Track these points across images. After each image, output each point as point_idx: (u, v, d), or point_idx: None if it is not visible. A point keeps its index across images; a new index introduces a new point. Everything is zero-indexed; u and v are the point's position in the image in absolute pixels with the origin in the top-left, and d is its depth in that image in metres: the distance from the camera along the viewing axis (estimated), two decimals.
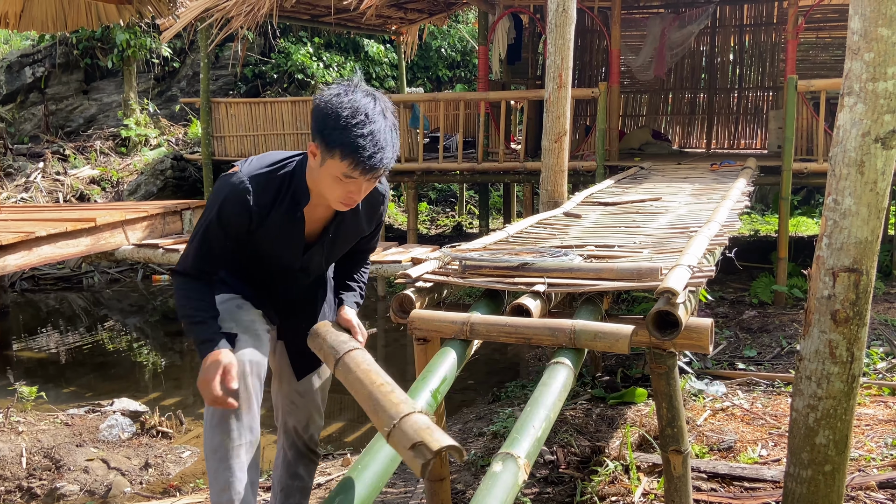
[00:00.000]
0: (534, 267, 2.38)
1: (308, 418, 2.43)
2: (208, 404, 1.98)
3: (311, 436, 2.46)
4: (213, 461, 2.02)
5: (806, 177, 7.15)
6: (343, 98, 1.91)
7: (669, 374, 2.24)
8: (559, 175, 4.43)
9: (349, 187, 1.97)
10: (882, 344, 4.98)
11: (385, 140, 1.92)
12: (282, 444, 2.49)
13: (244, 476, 2.00)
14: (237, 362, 2.00)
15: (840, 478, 2.29)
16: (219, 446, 2.00)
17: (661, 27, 9.97)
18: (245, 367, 2.03)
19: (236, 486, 1.99)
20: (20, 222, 5.75)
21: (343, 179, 1.94)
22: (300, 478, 2.47)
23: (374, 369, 1.82)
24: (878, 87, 2.09)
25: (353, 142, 1.88)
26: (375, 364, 1.86)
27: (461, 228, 11.97)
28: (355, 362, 1.88)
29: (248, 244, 2.14)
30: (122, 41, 11.61)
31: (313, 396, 2.42)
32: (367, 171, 1.91)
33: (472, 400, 5.05)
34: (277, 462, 2.52)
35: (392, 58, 14.41)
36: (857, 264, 2.17)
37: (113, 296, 8.98)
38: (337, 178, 1.95)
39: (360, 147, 1.88)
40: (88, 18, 6.48)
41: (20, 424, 4.31)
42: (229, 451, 1.99)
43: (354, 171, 1.91)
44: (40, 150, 11.47)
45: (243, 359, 2.04)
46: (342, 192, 1.98)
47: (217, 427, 2.02)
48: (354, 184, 1.96)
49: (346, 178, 1.93)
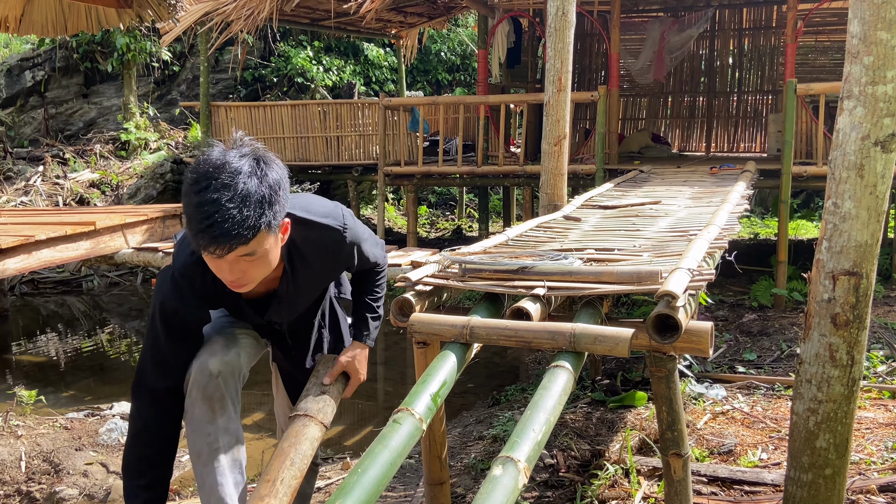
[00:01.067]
0: (533, 270, 2.38)
1: None
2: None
3: None
4: (197, 465, 2.03)
5: (805, 180, 7.15)
6: (202, 158, 1.71)
7: (669, 378, 2.23)
8: (559, 178, 4.43)
9: (219, 265, 1.74)
10: (882, 347, 4.98)
11: (226, 212, 1.63)
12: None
13: (228, 478, 2.01)
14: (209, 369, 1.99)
15: (840, 481, 2.29)
16: (200, 451, 2.01)
17: (660, 31, 9.98)
18: (215, 368, 2.01)
19: (223, 488, 1.99)
20: (20, 226, 5.75)
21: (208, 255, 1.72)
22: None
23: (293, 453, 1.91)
24: (878, 91, 2.09)
25: (190, 210, 1.67)
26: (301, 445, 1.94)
27: (461, 232, 11.97)
28: (293, 430, 1.99)
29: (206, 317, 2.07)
30: (122, 45, 11.62)
31: None
32: (206, 245, 1.67)
33: (472, 403, 5.05)
34: None
35: (392, 61, 14.43)
36: (856, 267, 2.17)
37: (112, 299, 8.98)
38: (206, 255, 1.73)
39: (194, 217, 1.66)
40: (88, 22, 6.49)
41: (19, 428, 4.30)
42: (210, 454, 2.00)
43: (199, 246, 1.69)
44: (40, 154, 11.47)
45: (211, 362, 2.02)
46: (217, 271, 1.77)
47: (195, 433, 2.02)
48: (223, 262, 1.72)
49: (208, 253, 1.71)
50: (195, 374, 2.02)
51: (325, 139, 9.59)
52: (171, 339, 1.98)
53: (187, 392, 2.03)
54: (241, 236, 1.67)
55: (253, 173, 1.70)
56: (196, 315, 2.01)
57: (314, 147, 9.64)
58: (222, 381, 2.02)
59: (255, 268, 1.78)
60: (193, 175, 1.69)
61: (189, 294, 1.93)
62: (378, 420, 4.99)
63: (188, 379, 2.04)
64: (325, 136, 9.58)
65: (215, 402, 2.01)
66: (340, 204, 2.13)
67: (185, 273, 1.93)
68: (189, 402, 2.03)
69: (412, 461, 3.65)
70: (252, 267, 1.77)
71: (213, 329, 2.13)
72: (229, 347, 2.07)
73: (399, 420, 1.69)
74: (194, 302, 1.96)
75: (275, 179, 1.74)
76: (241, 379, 2.11)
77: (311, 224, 1.98)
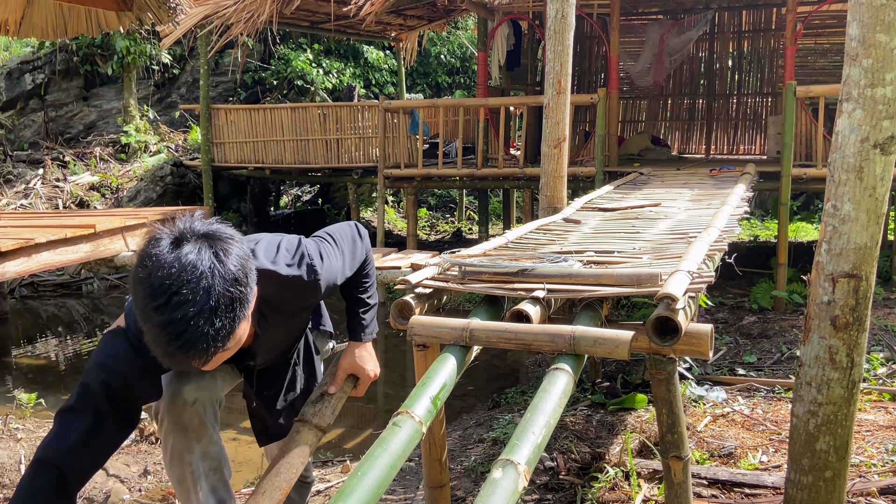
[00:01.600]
0: (533, 273, 2.38)
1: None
2: None
3: None
4: (180, 491, 2.00)
5: (805, 182, 7.15)
6: (152, 263, 1.45)
7: (669, 380, 2.23)
8: (558, 181, 4.43)
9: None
10: (882, 349, 4.98)
11: (194, 332, 1.43)
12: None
13: (212, 501, 1.99)
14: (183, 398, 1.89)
15: (841, 484, 2.29)
16: (182, 478, 1.97)
17: (659, 33, 10.00)
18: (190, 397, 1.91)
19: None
20: (20, 229, 5.75)
21: None
22: (291, 499, 2.43)
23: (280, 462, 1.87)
24: (877, 93, 2.10)
25: (148, 331, 1.46)
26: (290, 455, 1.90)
27: (461, 234, 11.97)
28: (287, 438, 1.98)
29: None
30: (122, 48, 11.63)
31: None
32: (173, 366, 1.56)
33: (472, 406, 5.05)
34: None
35: (392, 64, 14.44)
36: (856, 270, 2.17)
37: (112, 302, 8.97)
38: None
39: (156, 340, 1.46)
40: (88, 25, 6.49)
41: (19, 431, 4.29)
42: (192, 482, 1.96)
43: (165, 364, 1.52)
44: (40, 157, 11.48)
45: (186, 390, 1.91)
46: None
47: (173, 462, 1.96)
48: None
49: None
50: (167, 402, 1.89)
51: (324, 142, 9.60)
52: (116, 417, 1.69)
53: (158, 420, 1.94)
54: (218, 348, 1.49)
55: (214, 269, 1.46)
56: (150, 391, 1.78)
57: (314, 150, 9.64)
58: (200, 408, 1.91)
59: (225, 355, 1.60)
60: (147, 289, 1.43)
61: (150, 364, 1.61)
62: (378, 423, 4.99)
63: (157, 407, 1.93)
64: (325, 138, 9.58)
65: (191, 431, 1.92)
66: (303, 238, 1.94)
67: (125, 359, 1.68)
68: (162, 431, 1.94)
69: (412, 464, 3.65)
70: (222, 356, 1.59)
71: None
72: (202, 374, 1.88)
73: (399, 423, 1.69)
74: (154, 373, 1.71)
75: (238, 264, 1.51)
76: (220, 404, 1.99)
77: (280, 278, 1.79)
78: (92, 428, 1.67)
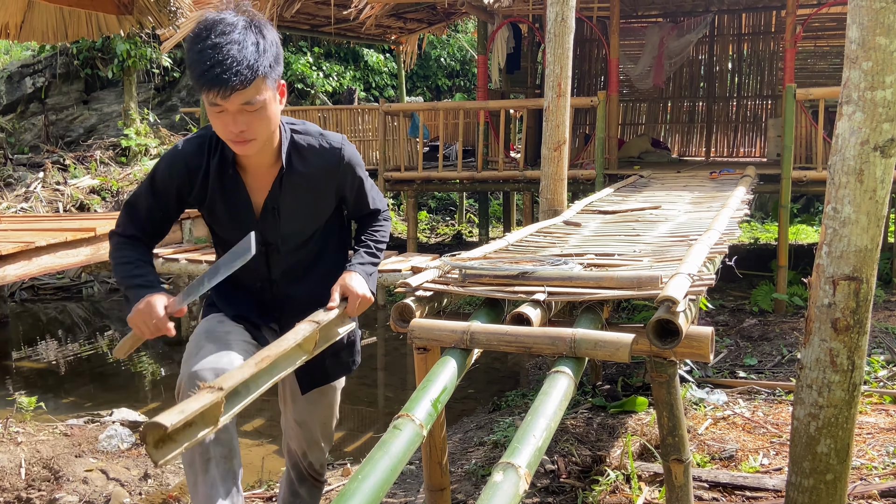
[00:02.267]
0: (534, 275, 2.38)
1: (307, 447, 2.39)
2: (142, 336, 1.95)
3: (311, 463, 2.42)
4: (190, 475, 1.99)
5: (805, 185, 7.16)
6: (200, 22, 1.85)
7: (670, 383, 2.23)
8: (559, 183, 4.43)
9: (223, 119, 1.85)
10: (883, 352, 4.98)
11: (227, 53, 1.77)
12: (286, 462, 2.48)
13: (220, 489, 1.97)
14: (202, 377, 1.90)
15: (842, 487, 2.28)
16: (192, 461, 1.97)
17: (659, 36, 10.01)
18: (208, 378, 1.92)
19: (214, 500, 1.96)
20: (20, 232, 5.75)
21: (213, 110, 1.84)
22: (301, 498, 2.45)
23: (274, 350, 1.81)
24: (877, 96, 2.10)
25: (194, 59, 1.79)
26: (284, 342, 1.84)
27: (461, 237, 11.97)
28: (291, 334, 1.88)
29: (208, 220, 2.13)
30: (123, 51, 11.65)
31: (311, 428, 2.36)
32: (210, 88, 1.78)
33: (473, 409, 5.04)
34: (282, 478, 2.51)
35: (392, 67, 14.46)
36: (856, 272, 2.17)
37: (112, 305, 8.98)
38: (209, 110, 1.85)
39: (198, 62, 1.78)
40: (89, 29, 6.50)
41: (19, 435, 4.29)
42: (201, 465, 1.96)
43: (204, 92, 1.80)
44: (40, 160, 11.49)
45: (204, 371, 1.93)
46: (221, 126, 1.87)
47: None
48: (226, 114, 1.83)
49: (213, 106, 1.83)
50: (185, 383, 1.94)
51: None
52: (151, 193, 2.05)
53: (178, 398, 1.96)
54: (241, 74, 1.77)
55: (248, 26, 1.83)
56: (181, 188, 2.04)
57: None
58: None
59: (257, 121, 1.86)
60: (194, 33, 1.82)
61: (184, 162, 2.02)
62: (378, 426, 4.99)
63: (179, 385, 1.97)
64: None
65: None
66: None
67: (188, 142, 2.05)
68: None
69: (413, 467, 3.65)
70: (254, 119, 1.85)
71: (206, 335, 2.05)
72: (222, 356, 1.97)
73: (399, 426, 1.69)
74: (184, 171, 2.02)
75: (270, 35, 1.87)
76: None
77: (310, 132, 2.09)
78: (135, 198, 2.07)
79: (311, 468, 2.42)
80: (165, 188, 2.04)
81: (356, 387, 5.69)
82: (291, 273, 2.18)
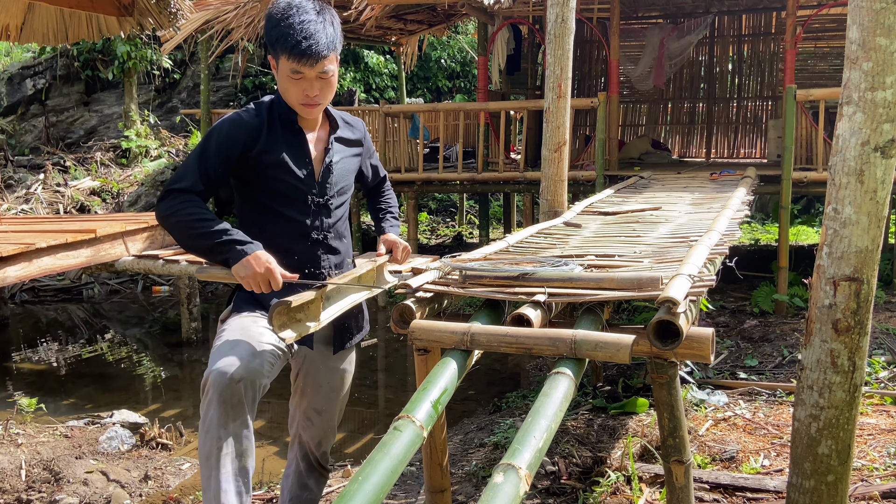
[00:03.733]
0: (534, 277, 2.38)
1: (322, 436, 2.48)
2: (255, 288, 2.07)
3: (324, 452, 2.51)
4: (205, 468, 2.03)
5: (806, 186, 7.15)
6: (281, 2, 2.16)
7: (671, 384, 2.23)
8: (559, 185, 4.43)
9: (301, 85, 2.16)
10: (884, 353, 4.97)
11: (314, 29, 2.11)
12: (294, 456, 2.52)
13: (232, 485, 2.00)
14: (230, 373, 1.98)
15: (843, 488, 2.28)
16: (209, 454, 2.01)
17: (659, 37, 10.01)
18: (237, 374, 1.99)
19: (226, 494, 1.99)
20: (20, 234, 5.75)
21: (293, 77, 2.14)
22: (310, 489, 2.51)
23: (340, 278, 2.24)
24: (877, 97, 2.10)
25: (284, 33, 2.10)
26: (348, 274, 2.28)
27: (461, 238, 11.97)
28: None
29: (261, 178, 2.24)
30: (123, 53, 11.66)
31: (331, 415, 2.47)
32: (301, 57, 2.10)
33: (473, 410, 5.04)
34: (288, 472, 2.53)
35: (392, 69, 14.47)
36: (857, 273, 2.17)
37: (113, 307, 8.98)
38: (289, 77, 2.15)
39: (289, 36, 2.09)
40: (89, 31, 6.50)
41: (19, 436, 4.29)
42: (218, 458, 2.00)
43: (293, 61, 2.11)
44: (41, 162, 11.50)
45: (235, 367, 2.00)
46: (298, 91, 2.17)
47: (207, 434, 2.01)
48: (304, 80, 2.15)
49: (294, 73, 2.13)
50: (215, 375, 1.99)
51: None
52: (215, 153, 2.20)
53: (204, 391, 2.02)
54: (330, 48, 2.14)
55: (321, 10, 2.18)
56: (247, 142, 2.20)
57: None
58: (242, 388, 2.00)
59: (328, 87, 2.20)
60: (281, 7, 2.13)
61: (246, 120, 2.22)
62: (379, 427, 4.98)
63: (205, 379, 2.02)
64: None
65: (230, 407, 1.99)
66: None
67: (242, 111, 2.27)
68: (205, 401, 2.02)
69: (413, 468, 3.65)
70: (325, 86, 2.19)
71: (241, 333, 2.11)
72: (255, 356, 2.05)
73: (400, 427, 1.69)
74: (247, 127, 2.21)
75: (336, 19, 2.22)
76: (262, 390, 2.08)
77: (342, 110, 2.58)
78: (196, 156, 2.20)
79: (322, 457, 2.51)
80: (231, 144, 2.19)
81: (357, 387, 5.68)
82: (335, 230, 2.38)
